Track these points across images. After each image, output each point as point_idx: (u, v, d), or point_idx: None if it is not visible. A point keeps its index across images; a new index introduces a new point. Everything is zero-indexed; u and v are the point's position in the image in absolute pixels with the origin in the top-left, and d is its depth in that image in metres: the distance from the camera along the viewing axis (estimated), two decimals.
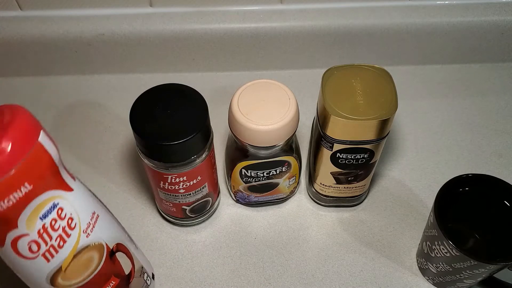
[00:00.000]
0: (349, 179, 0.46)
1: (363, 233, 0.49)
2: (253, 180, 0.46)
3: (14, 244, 0.31)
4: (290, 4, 0.59)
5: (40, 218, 0.31)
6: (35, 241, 0.32)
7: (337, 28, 0.59)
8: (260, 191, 0.48)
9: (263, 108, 0.41)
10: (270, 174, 0.46)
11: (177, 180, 0.42)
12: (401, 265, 0.47)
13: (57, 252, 0.33)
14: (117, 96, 0.61)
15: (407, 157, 0.55)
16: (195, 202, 0.46)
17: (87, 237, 0.35)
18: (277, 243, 0.49)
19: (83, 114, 0.59)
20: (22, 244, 0.31)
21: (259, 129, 0.40)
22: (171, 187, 0.43)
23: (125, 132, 0.57)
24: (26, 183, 0.29)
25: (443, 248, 0.40)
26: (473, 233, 0.47)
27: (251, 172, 0.45)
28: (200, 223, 0.50)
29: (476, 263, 0.39)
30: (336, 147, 0.43)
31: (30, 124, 0.30)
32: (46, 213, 0.31)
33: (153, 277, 0.45)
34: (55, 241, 0.32)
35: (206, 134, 0.41)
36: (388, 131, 0.42)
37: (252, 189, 0.48)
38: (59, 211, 0.32)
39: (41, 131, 0.31)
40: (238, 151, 0.44)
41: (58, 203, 0.32)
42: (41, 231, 0.31)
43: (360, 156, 0.43)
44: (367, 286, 0.46)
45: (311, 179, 0.50)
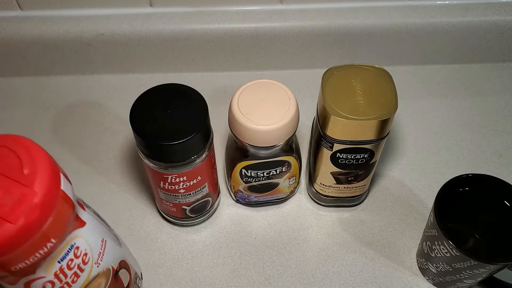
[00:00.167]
0: (349, 179, 0.46)
1: (363, 233, 0.49)
2: (253, 180, 0.46)
3: (28, 285, 0.30)
4: (290, 4, 0.59)
5: (58, 262, 0.30)
6: (51, 281, 0.30)
7: (337, 28, 0.59)
8: (260, 191, 0.48)
9: (263, 108, 0.41)
10: (270, 174, 0.46)
11: (177, 180, 0.42)
12: (401, 265, 0.47)
13: (70, 287, 0.32)
14: (117, 96, 0.61)
15: (407, 157, 0.55)
16: (195, 202, 0.46)
17: (98, 267, 0.34)
18: (277, 243, 0.49)
19: (83, 114, 0.59)
20: (37, 285, 0.30)
21: (259, 129, 0.40)
22: (171, 187, 0.43)
23: (125, 132, 0.57)
24: (52, 239, 0.28)
25: (443, 248, 0.40)
26: (473, 233, 0.47)
27: (251, 172, 0.45)
28: (200, 223, 0.50)
29: (476, 263, 0.39)
30: (336, 147, 0.43)
31: (54, 172, 0.28)
32: (64, 256, 0.30)
33: (141, 276, 0.45)
34: (70, 278, 0.31)
35: (206, 134, 0.41)
36: (388, 131, 0.42)
37: (252, 189, 0.48)
38: (75, 251, 0.31)
39: (61, 175, 0.29)
40: (238, 151, 0.44)
41: (75, 243, 0.31)
42: (58, 272, 0.30)
43: (360, 156, 0.43)
44: (367, 286, 0.46)
45: (311, 179, 0.50)
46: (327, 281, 0.46)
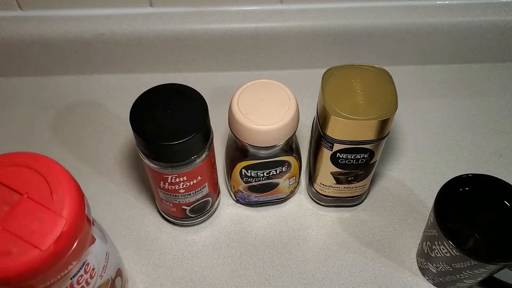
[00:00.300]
0: (349, 179, 0.46)
1: (363, 233, 0.49)
2: (253, 180, 0.46)
3: None
4: (290, 4, 0.59)
5: (71, 279, 0.30)
6: None
7: (337, 28, 0.59)
8: (260, 191, 0.48)
9: (263, 108, 0.41)
10: (270, 174, 0.46)
11: (177, 180, 0.42)
12: (401, 265, 0.47)
13: None
14: (117, 96, 0.61)
15: (407, 157, 0.55)
16: (195, 202, 0.46)
17: (101, 279, 0.34)
18: (277, 243, 0.49)
19: (83, 114, 0.59)
20: None
21: (259, 129, 0.40)
22: (171, 187, 0.43)
23: (125, 132, 0.57)
24: (73, 261, 0.28)
25: (443, 248, 0.40)
26: (473, 233, 0.47)
27: (251, 172, 0.45)
28: (200, 223, 0.50)
29: (476, 263, 0.39)
30: (336, 147, 0.43)
31: (80, 198, 0.27)
32: (76, 273, 0.30)
33: (127, 279, 0.45)
34: None
35: (206, 134, 0.41)
36: (388, 131, 0.42)
37: (252, 189, 0.48)
38: (86, 267, 0.31)
39: (84, 199, 0.29)
40: (238, 151, 0.44)
41: (87, 260, 0.31)
42: None
43: (360, 156, 0.43)
44: (367, 286, 0.46)
45: (311, 179, 0.50)
46: (327, 281, 0.46)
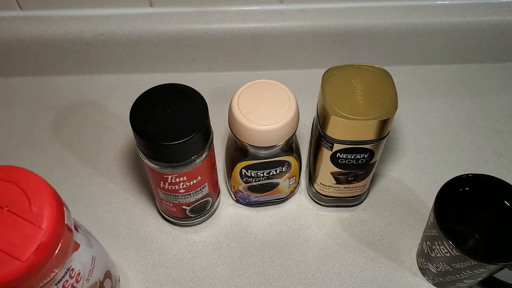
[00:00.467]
0: (349, 179, 0.46)
1: (363, 233, 0.49)
2: (253, 180, 0.46)
3: None
4: (290, 4, 0.59)
5: (55, 284, 0.31)
6: None
7: (337, 28, 0.59)
8: (260, 191, 0.48)
9: (263, 108, 0.41)
10: (270, 174, 0.46)
11: (177, 180, 0.42)
12: (401, 265, 0.47)
13: None
14: (117, 96, 0.61)
15: (407, 157, 0.55)
16: (195, 202, 0.46)
17: (88, 282, 0.35)
18: (277, 243, 0.49)
19: (83, 114, 0.59)
20: None
21: (259, 129, 0.40)
22: (171, 187, 0.43)
23: (125, 132, 0.57)
24: (55, 269, 0.29)
25: (443, 248, 0.40)
26: (473, 233, 0.47)
27: (251, 172, 0.45)
28: (200, 223, 0.50)
29: (476, 263, 0.39)
30: (336, 147, 0.43)
31: (59, 209, 0.29)
32: (61, 279, 0.31)
33: (119, 279, 0.45)
34: None
35: (206, 134, 0.41)
36: (388, 131, 0.42)
37: (252, 189, 0.48)
38: (71, 272, 0.32)
39: (64, 209, 0.30)
40: (238, 151, 0.44)
41: (71, 266, 0.32)
42: None
43: (360, 156, 0.43)
44: (367, 286, 0.46)
45: (311, 179, 0.50)
46: (327, 281, 0.46)
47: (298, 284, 0.46)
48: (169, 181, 0.42)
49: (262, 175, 0.46)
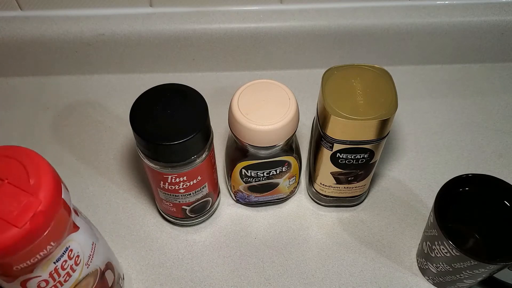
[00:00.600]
0: (349, 179, 0.46)
1: (363, 233, 0.49)
2: (253, 180, 0.46)
3: (24, 284, 0.32)
4: (290, 4, 0.59)
5: (54, 263, 0.32)
6: (45, 280, 0.33)
7: (337, 28, 0.59)
8: (260, 191, 0.48)
9: (263, 108, 0.41)
10: (270, 174, 0.46)
11: (177, 180, 0.42)
12: (401, 265, 0.47)
13: (62, 286, 0.34)
14: (117, 96, 0.61)
15: (407, 157, 0.55)
16: (195, 202, 0.46)
17: (88, 267, 0.36)
18: (277, 243, 0.49)
19: (83, 114, 0.59)
20: (32, 284, 0.32)
21: (259, 129, 0.40)
22: (171, 187, 0.43)
23: (125, 132, 0.57)
24: (52, 242, 0.30)
25: (443, 248, 0.40)
26: (473, 233, 0.47)
27: (251, 172, 0.45)
28: (200, 223, 0.50)
29: (476, 263, 0.39)
30: (336, 147, 0.43)
31: (56, 183, 0.30)
32: (60, 257, 0.33)
33: (123, 277, 0.46)
34: (62, 278, 0.34)
35: (206, 134, 0.41)
36: (388, 131, 0.42)
37: (252, 189, 0.48)
38: (70, 253, 0.33)
39: (62, 185, 0.31)
40: (238, 151, 0.44)
41: (70, 246, 0.33)
42: (52, 272, 0.33)
43: (360, 156, 0.43)
44: (367, 286, 0.46)
45: (311, 179, 0.50)
46: (327, 281, 0.46)
47: (298, 284, 0.46)
48: (169, 181, 0.42)
49: (262, 175, 0.46)
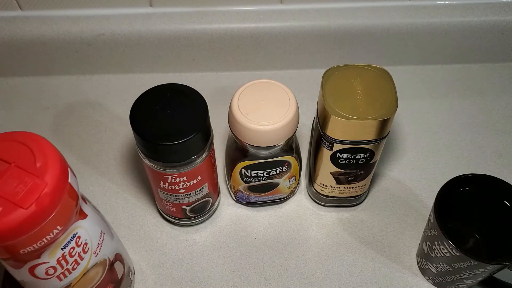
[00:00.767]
0: (349, 179, 0.46)
1: (363, 233, 0.49)
2: (253, 180, 0.46)
3: (32, 270, 0.32)
4: (290, 4, 0.59)
5: (61, 249, 0.32)
6: (53, 267, 0.33)
7: (337, 28, 0.59)
8: (260, 191, 0.48)
9: (263, 108, 0.41)
10: (270, 174, 0.46)
11: (177, 180, 0.42)
12: (401, 265, 0.47)
13: (70, 273, 0.34)
14: (117, 96, 0.61)
15: (407, 157, 0.55)
16: (195, 202, 0.46)
17: (96, 257, 0.36)
18: (277, 243, 0.49)
19: (83, 114, 0.59)
20: (40, 270, 0.32)
21: (259, 129, 0.40)
22: (171, 187, 0.43)
23: (125, 132, 0.57)
24: (58, 226, 0.30)
25: (443, 248, 0.40)
26: (473, 233, 0.47)
27: (251, 172, 0.45)
28: (200, 223, 0.50)
29: (476, 263, 0.39)
30: (336, 147, 0.43)
31: (62, 166, 0.30)
32: (67, 244, 0.33)
33: (134, 271, 0.46)
34: (70, 265, 0.34)
35: (206, 134, 0.41)
36: (388, 131, 0.42)
37: (252, 189, 0.48)
38: (77, 240, 0.34)
39: (68, 169, 0.31)
40: (238, 151, 0.44)
41: (77, 233, 0.33)
42: (60, 259, 0.33)
43: (360, 156, 0.43)
44: (367, 286, 0.46)
45: (311, 179, 0.50)
46: (327, 281, 0.46)
47: (298, 284, 0.46)
48: (169, 181, 0.42)
49: (262, 175, 0.46)
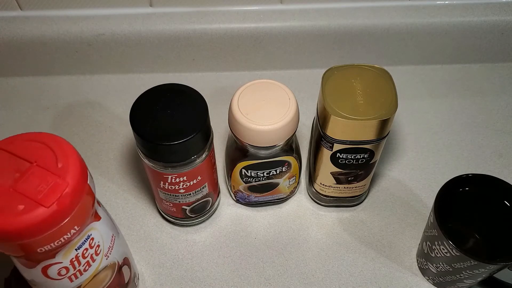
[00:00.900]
0: (349, 179, 0.46)
1: (363, 233, 0.49)
2: (253, 180, 0.46)
3: (45, 270, 0.33)
4: (290, 4, 0.59)
5: (76, 249, 0.33)
6: (66, 267, 0.33)
7: (337, 28, 0.59)
8: (260, 191, 0.48)
9: (263, 108, 0.41)
10: (270, 174, 0.46)
11: (177, 180, 0.42)
12: (401, 265, 0.47)
13: (82, 275, 0.35)
14: (117, 96, 0.61)
15: (407, 157, 0.55)
16: (195, 202, 0.46)
17: (107, 259, 0.37)
18: (277, 243, 0.49)
19: (83, 114, 0.59)
20: (53, 270, 0.33)
21: (259, 129, 0.40)
22: (171, 187, 0.43)
23: (125, 132, 0.57)
24: (76, 226, 0.31)
25: (443, 248, 0.40)
26: (473, 233, 0.47)
27: (251, 172, 0.45)
28: (200, 223, 0.50)
29: (476, 263, 0.39)
30: (336, 147, 0.43)
31: (83, 168, 0.31)
32: (81, 245, 0.33)
33: (139, 277, 0.46)
34: (82, 266, 0.34)
35: (206, 134, 0.41)
36: (388, 131, 0.42)
37: (252, 189, 0.48)
38: (91, 241, 0.34)
39: (87, 171, 0.32)
40: (238, 151, 0.44)
41: (91, 234, 0.34)
42: (73, 259, 0.33)
43: (360, 156, 0.43)
44: (367, 286, 0.46)
45: (311, 179, 0.50)
46: (327, 281, 0.46)
47: (298, 284, 0.46)
48: (169, 181, 0.42)
49: (262, 175, 0.46)
